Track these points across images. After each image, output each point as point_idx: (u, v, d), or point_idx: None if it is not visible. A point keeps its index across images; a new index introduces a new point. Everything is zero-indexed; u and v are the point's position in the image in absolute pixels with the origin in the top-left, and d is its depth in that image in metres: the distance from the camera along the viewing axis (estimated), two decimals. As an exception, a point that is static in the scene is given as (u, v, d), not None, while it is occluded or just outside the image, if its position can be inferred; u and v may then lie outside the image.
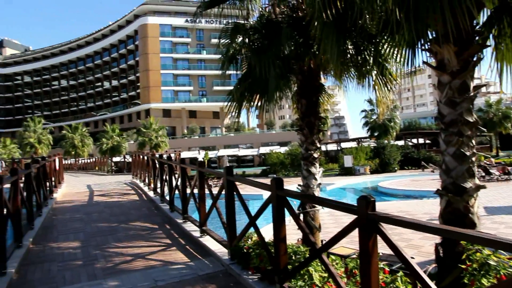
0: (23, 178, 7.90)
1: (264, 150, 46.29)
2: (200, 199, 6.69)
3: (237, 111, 8.15)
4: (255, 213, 4.73)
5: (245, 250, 5.20)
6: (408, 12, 3.66)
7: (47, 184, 11.40)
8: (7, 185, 5.82)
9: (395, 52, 4.66)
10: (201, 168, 6.66)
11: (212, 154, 45.39)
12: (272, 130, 61.68)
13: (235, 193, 5.29)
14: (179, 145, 51.89)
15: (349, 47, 6.18)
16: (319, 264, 4.00)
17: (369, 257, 2.88)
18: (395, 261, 4.77)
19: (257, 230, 4.82)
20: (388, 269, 3.72)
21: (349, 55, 6.32)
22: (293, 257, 4.45)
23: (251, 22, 8.17)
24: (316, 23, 4.70)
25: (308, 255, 4.10)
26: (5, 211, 5.51)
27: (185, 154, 42.85)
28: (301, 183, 7.26)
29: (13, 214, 6.02)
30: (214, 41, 65.44)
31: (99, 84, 77.53)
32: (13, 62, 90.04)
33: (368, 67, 6.47)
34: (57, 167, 14.56)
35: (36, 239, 7.32)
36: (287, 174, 29.44)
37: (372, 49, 6.22)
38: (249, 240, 5.45)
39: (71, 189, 15.84)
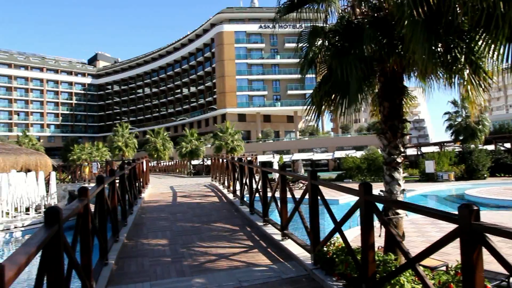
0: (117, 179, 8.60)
1: (339, 154, 45.33)
2: (282, 202, 6.73)
3: (316, 114, 8.10)
4: (341, 218, 4.64)
5: (328, 256, 5.12)
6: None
7: (137, 184, 12.27)
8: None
9: (491, 48, 4.31)
10: (283, 171, 6.70)
11: (286, 158, 45.47)
12: (347, 134, 60.14)
13: (319, 197, 5.24)
14: (253, 149, 52.84)
15: (438, 45, 5.83)
16: (411, 274, 3.81)
17: (473, 271, 2.68)
18: (489, 278, 4.36)
19: (342, 236, 4.73)
20: (490, 285, 3.43)
21: (437, 54, 5.97)
22: (381, 266, 4.29)
23: (330, 25, 8.07)
24: (405, 22, 4.51)
25: (398, 264, 3.92)
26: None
27: (259, 158, 43.47)
28: (383, 189, 6.98)
29: (112, 211, 6.57)
30: (288, 45, 65.81)
31: (179, 91, 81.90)
32: (105, 73, 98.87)
33: (459, 65, 6.05)
34: (145, 169, 15.64)
35: (129, 235, 7.92)
36: (363, 179, 28.49)
37: (464, 46, 5.80)
38: (331, 245, 5.37)
39: (156, 190, 16.88)
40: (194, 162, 36.20)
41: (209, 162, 31.64)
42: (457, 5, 3.71)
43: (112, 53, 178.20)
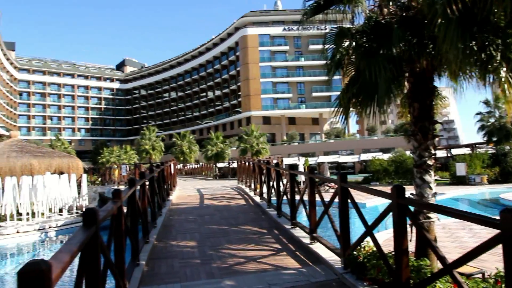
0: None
1: (365, 156, 44.63)
2: (311, 205, 6.69)
3: (343, 116, 8.03)
4: (372, 222, 4.56)
5: (359, 260, 5.05)
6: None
7: (165, 187, 12.46)
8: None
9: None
10: (312, 174, 6.66)
11: (311, 160, 45.16)
12: (373, 136, 59.14)
13: (349, 200, 5.18)
14: (278, 152, 52.74)
15: (473, 43, 5.67)
16: (447, 281, 3.70)
17: (517, 277, 2.57)
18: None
19: (374, 240, 4.64)
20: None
21: (471, 53, 5.80)
22: (415, 271, 4.19)
23: (357, 26, 7.99)
24: (438, 21, 4.40)
25: (433, 270, 3.82)
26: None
27: (284, 161, 43.36)
28: (413, 192, 6.82)
29: (142, 213, 6.70)
30: (312, 47, 65.44)
31: (204, 94, 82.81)
32: (132, 78, 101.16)
33: (495, 64, 5.85)
34: (172, 172, 15.88)
35: (159, 236, 8.05)
36: (390, 182, 27.94)
37: (500, 44, 5.61)
38: (361, 249, 5.29)
39: (183, 192, 17.10)
40: (220, 165, 36.44)
41: (234, 165, 31.80)
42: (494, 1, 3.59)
43: (139, 58, 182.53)
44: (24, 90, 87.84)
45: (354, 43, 7.95)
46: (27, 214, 17.60)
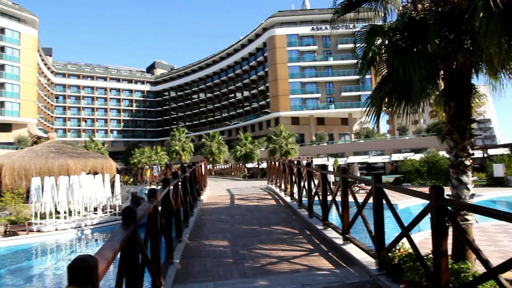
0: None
1: (396, 157, 43.68)
2: (344, 206, 6.60)
3: (375, 116, 7.89)
4: (409, 223, 4.45)
5: (394, 262, 4.94)
6: None
7: (196, 187, 12.63)
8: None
9: None
10: (345, 174, 6.57)
11: (341, 161, 44.62)
12: (405, 136, 57.72)
13: (384, 201, 5.07)
14: (307, 152, 52.40)
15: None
16: (490, 286, 3.56)
17: None
18: None
19: (410, 241, 4.53)
20: None
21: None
22: (454, 275, 4.05)
23: (389, 23, 7.84)
24: (480, 14, 4.23)
25: (476, 274, 3.68)
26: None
27: (314, 161, 43.06)
28: (449, 193, 6.60)
29: (176, 212, 6.81)
30: (341, 46, 64.65)
31: (232, 95, 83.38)
32: (162, 80, 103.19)
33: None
34: (203, 172, 16.07)
35: (191, 236, 8.16)
36: (423, 183, 27.18)
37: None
38: (396, 250, 5.17)
39: (213, 192, 17.27)
40: (249, 165, 36.59)
41: (263, 165, 31.84)
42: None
43: (169, 61, 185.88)
44: (60, 93, 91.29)
45: (386, 41, 7.80)
46: (65, 212, 18.28)
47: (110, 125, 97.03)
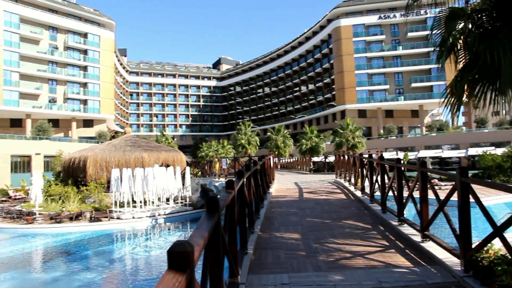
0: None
1: (474, 151, 40.61)
2: (422, 201, 6.27)
3: (456, 107, 7.40)
4: (504, 222, 4.10)
5: (483, 263, 4.58)
6: None
7: (265, 179, 12.77)
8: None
9: None
10: (424, 168, 6.23)
11: (411, 155, 42.47)
12: (483, 129, 53.36)
13: (471, 197, 4.72)
14: (374, 146, 50.59)
15: None
16: None
17: None
18: None
19: (505, 242, 4.17)
20: None
21: None
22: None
23: (472, 4, 7.30)
24: None
25: None
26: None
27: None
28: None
29: (249, 204, 6.93)
30: (411, 34, 61.28)
31: (297, 88, 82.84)
32: (228, 76, 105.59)
33: None
34: (271, 165, 16.20)
35: (262, 227, 8.26)
36: (506, 180, 25.02)
37: None
38: (483, 252, 4.80)
39: (281, 185, 17.35)
40: (315, 159, 36.21)
41: (329, 159, 31.34)
42: None
43: (234, 56, 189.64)
44: (134, 91, 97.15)
45: (470, 25, 7.27)
46: (140, 202, 19.50)
47: (179, 120, 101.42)
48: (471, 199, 4.89)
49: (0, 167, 39.37)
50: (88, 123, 60.29)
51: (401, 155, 40.32)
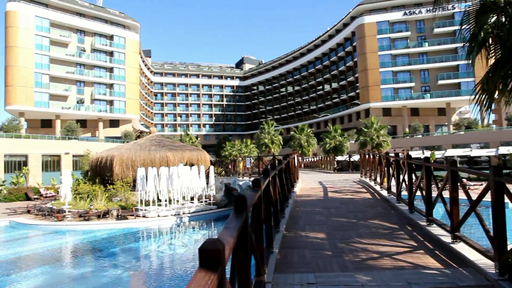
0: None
1: (505, 150, 39.23)
2: (453, 201, 6.10)
3: (487, 104, 7.19)
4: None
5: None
6: None
7: (290, 178, 12.72)
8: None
9: None
10: (455, 167, 6.06)
11: (438, 154, 41.44)
12: (515, 127, 51.49)
13: (506, 197, 4.56)
14: (400, 145, 49.61)
15: None
16: None
17: None
18: None
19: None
20: None
21: None
22: None
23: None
24: None
25: None
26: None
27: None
28: None
29: (274, 203, 6.92)
30: (438, 30, 59.75)
31: (320, 87, 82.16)
32: (250, 75, 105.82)
33: None
34: (296, 165, 16.13)
35: (287, 226, 8.23)
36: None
37: None
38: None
39: (305, 184, 17.24)
40: (339, 158, 35.85)
41: (354, 158, 30.95)
42: None
43: (257, 55, 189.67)
44: (158, 91, 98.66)
45: (503, 18, 7.06)
46: (165, 200, 19.79)
47: (202, 120, 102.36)
48: (506, 200, 4.73)
49: (33, 166, 40.83)
50: (114, 123, 61.69)
51: (427, 154, 39.41)
